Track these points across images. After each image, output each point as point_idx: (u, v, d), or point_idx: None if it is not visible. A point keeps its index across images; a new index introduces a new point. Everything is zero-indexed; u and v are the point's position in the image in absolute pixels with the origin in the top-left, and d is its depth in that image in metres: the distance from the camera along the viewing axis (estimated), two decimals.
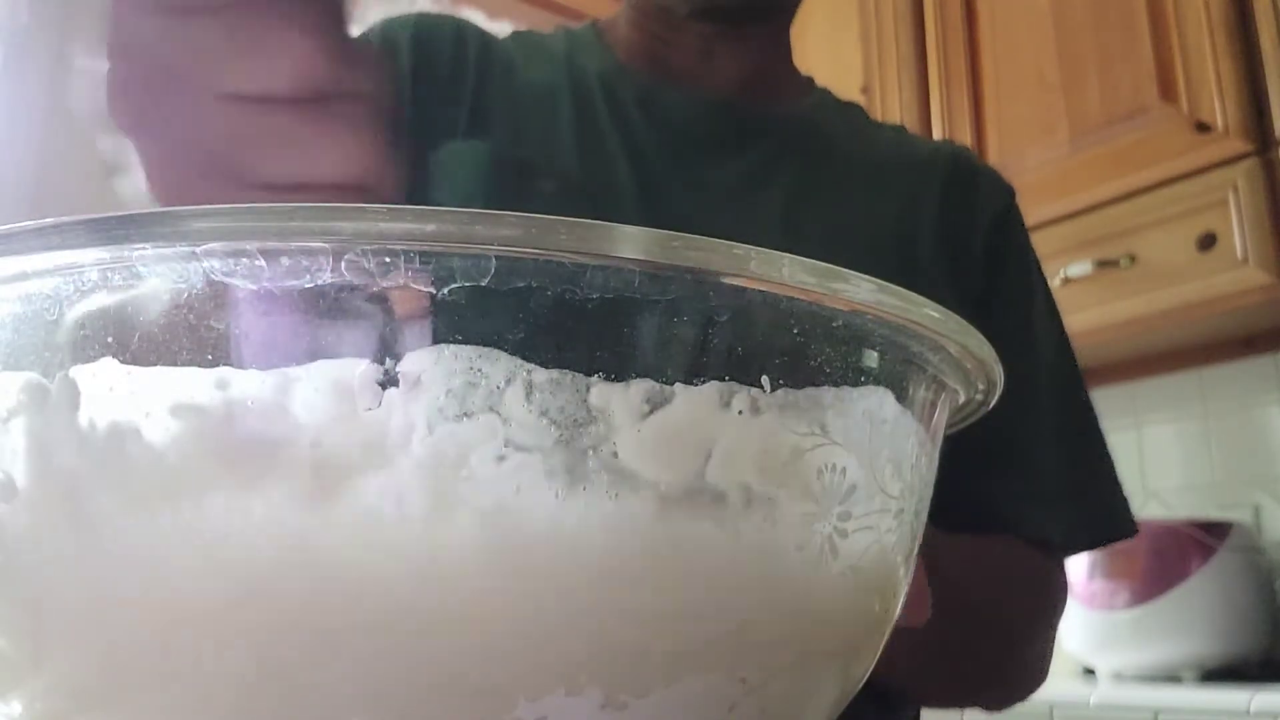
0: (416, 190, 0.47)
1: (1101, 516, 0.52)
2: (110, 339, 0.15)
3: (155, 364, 0.15)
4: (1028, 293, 0.54)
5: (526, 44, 0.55)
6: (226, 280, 0.14)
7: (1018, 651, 0.50)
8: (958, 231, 0.52)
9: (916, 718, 0.53)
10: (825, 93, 0.59)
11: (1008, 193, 0.56)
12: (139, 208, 0.13)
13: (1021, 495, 0.49)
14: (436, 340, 0.15)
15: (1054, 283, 1.30)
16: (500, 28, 0.59)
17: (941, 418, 0.22)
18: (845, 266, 0.17)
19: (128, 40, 0.21)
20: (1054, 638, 0.52)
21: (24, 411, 0.15)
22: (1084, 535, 0.51)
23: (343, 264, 0.13)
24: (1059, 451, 0.51)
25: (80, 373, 0.15)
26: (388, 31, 0.52)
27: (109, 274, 0.14)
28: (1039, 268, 0.56)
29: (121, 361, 0.15)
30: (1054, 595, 0.52)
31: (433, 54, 0.51)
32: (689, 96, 0.52)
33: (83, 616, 0.15)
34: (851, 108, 0.59)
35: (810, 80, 0.59)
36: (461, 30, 0.53)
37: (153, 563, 0.15)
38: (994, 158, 1.44)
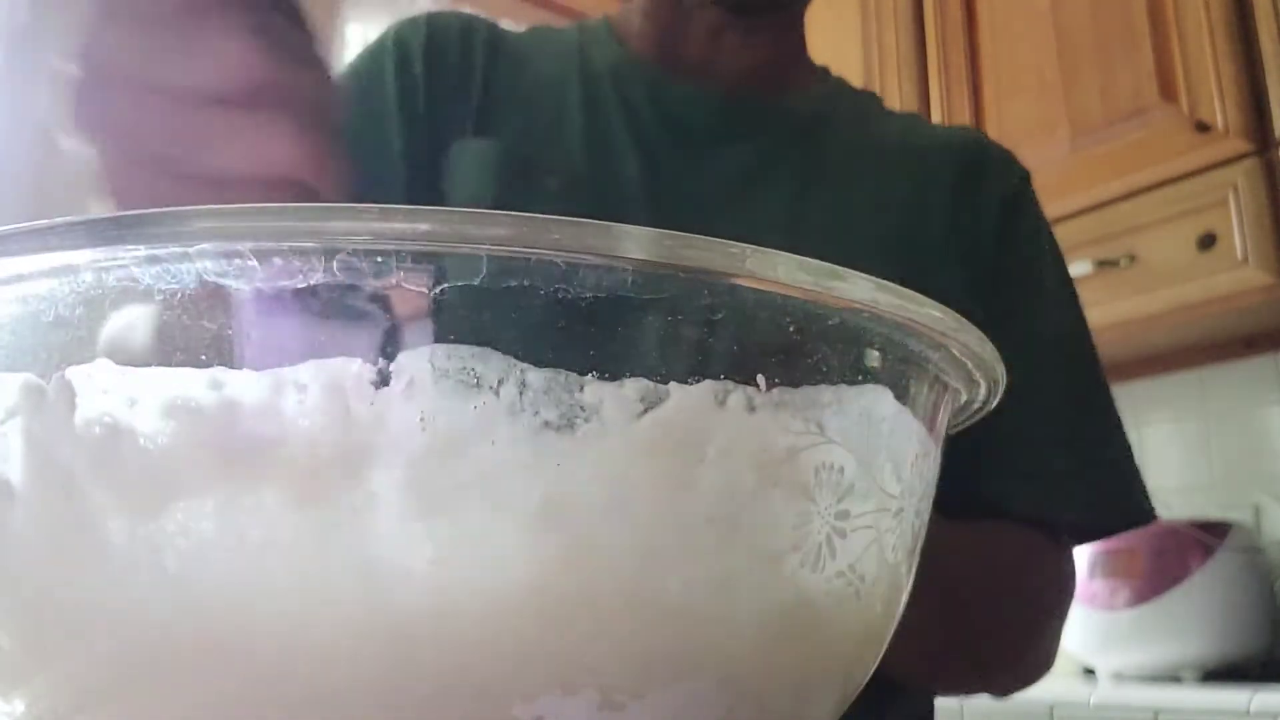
0: (431, 190, 0.47)
1: (1111, 499, 0.50)
2: (105, 339, 0.15)
3: (149, 364, 0.15)
4: (1035, 273, 0.54)
5: (538, 38, 0.56)
6: (219, 281, 0.14)
7: (1026, 640, 0.49)
8: (967, 215, 0.52)
9: (930, 708, 0.53)
10: (839, 81, 0.59)
11: (1020, 175, 0.56)
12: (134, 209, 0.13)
13: (1012, 473, 0.48)
14: (430, 340, 0.15)
15: None
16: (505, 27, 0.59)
17: (944, 416, 0.22)
18: (851, 256, 0.17)
19: (90, 47, 0.23)
20: (1063, 625, 0.51)
21: (21, 412, 0.15)
22: (1092, 518, 0.49)
23: (335, 264, 0.13)
24: (1058, 430, 0.49)
25: (76, 373, 0.15)
26: (400, 35, 0.52)
27: (103, 275, 0.14)
28: (1054, 250, 0.56)
29: (116, 362, 0.15)
30: (1063, 581, 0.50)
31: (442, 53, 0.52)
32: (698, 89, 0.52)
33: (83, 616, 0.15)
34: (865, 96, 0.59)
35: (825, 70, 0.59)
36: (469, 26, 0.54)
37: (149, 563, 0.15)
38: None
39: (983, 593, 0.46)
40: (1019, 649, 0.50)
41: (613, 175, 0.49)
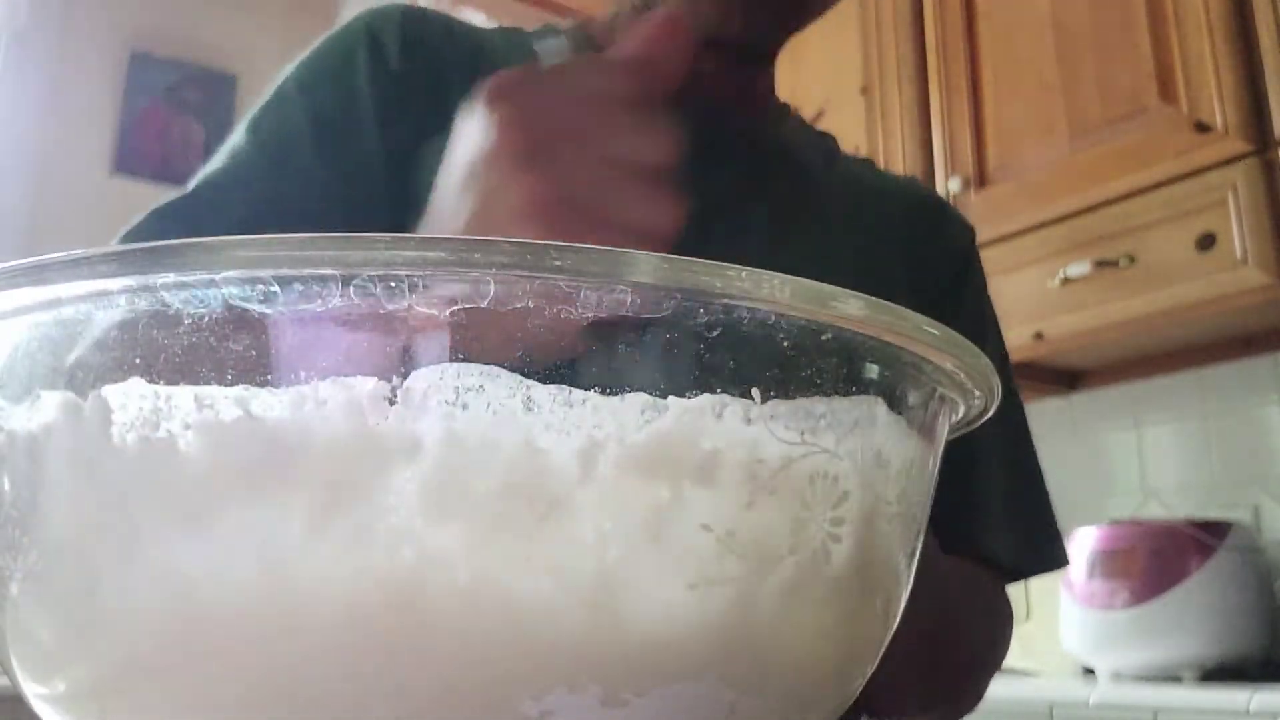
0: (407, 188, 0.45)
1: (1042, 543, 0.55)
2: (138, 360, 0.16)
3: (179, 383, 0.16)
4: (980, 328, 0.57)
5: (516, 43, 0.54)
6: (243, 305, 0.15)
7: (980, 670, 0.52)
8: (924, 265, 0.55)
9: None
10: (800, 119, 0.60)
11: (970, 233, 0.59)
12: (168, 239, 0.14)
13: (972, 515, 0.51)
14: (441, 359, 0.15)
15: (1054, 283, 1.31)
16: (476, 18, 0.57)
17: (943, 424, 0.22)
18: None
19: (548, 113, 0.30)
20: (1002, 660, 0.54)
21: (58, 428, 0.16)
22: (1028, 560, 0.53)
23: (351, 289, 0.14)
24: (1003, 477, 0.53)
25: (111, 392, 0.16)
26: (373, 28, 0.50)
27: (136, 300, 0.15)
28: (992, 306, 0.59)
29: (149, 381, 0.16)
30: (1006, 619, 0.54)
31: (422, 51, 0.50)
32: (682, 105, 0.52)
33: (113, 618, 0.16)
34: (825, 136, 0.60)
35: (786, 106, 0.60)
36: (451, 29, 0.52)
37: (178, 567, 0.15)
38: (994, 158, 1.45)
39: (946, 624, 0.47)
40: (970, 679, 0.52)
41: None
